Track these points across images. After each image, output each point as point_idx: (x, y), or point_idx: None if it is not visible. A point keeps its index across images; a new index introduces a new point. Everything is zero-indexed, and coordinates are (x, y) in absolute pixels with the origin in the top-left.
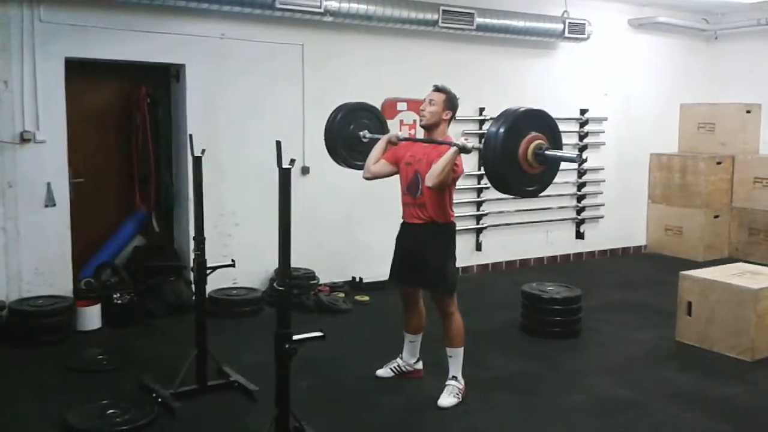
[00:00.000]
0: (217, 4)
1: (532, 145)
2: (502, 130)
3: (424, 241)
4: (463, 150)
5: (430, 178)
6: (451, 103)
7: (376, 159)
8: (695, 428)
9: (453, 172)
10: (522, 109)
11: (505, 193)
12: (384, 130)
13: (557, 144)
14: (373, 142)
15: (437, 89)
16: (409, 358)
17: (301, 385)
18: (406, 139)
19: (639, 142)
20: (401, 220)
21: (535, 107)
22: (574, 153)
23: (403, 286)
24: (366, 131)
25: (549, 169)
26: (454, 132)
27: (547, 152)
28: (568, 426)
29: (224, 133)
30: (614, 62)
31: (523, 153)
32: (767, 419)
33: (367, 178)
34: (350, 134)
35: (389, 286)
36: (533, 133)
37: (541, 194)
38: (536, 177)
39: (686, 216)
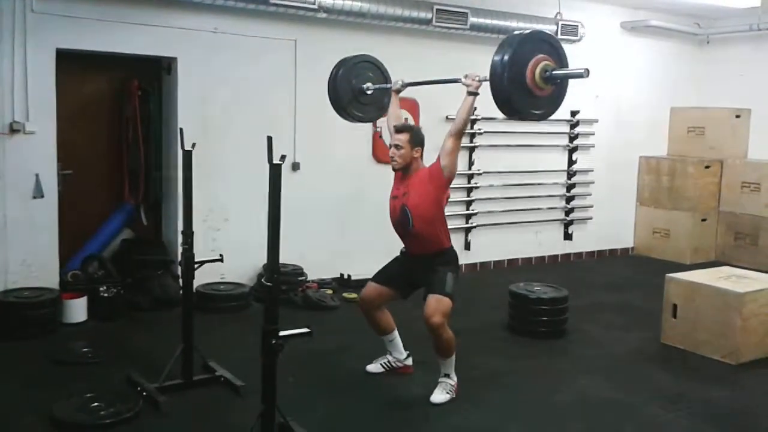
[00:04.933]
0: None
1: (539, 67)
2: (506, 57)
3: (425, 269)
4: (475, 93)
5: (454, 125)
6: (416, 138)
7: (394, 115)
8: (679, 430)
9: (444, 192)
10: (525, 33)
11: (513, 116)
12: (386, 78)
13: (563, 63)
14: (378, 92)
15: (399, 130)
16: (397, 355)
17: (288, 380)
18: (411, 84)
19: (629, 144)
20: (402, 248)
21: (536, 29)
22: (581, 69)
23: (385, 286)
24: (369, 83)
25: (558, 89)
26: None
27: (554, 72)
28: (553, 426)
29: (215, 127)
30: (606, 64)
31: (530, 76)
32: (751, 422)
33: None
34: (354, 88)
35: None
36: (539, 55)
37: (546, 118)
38: (546, 99)
39: (674, 219)
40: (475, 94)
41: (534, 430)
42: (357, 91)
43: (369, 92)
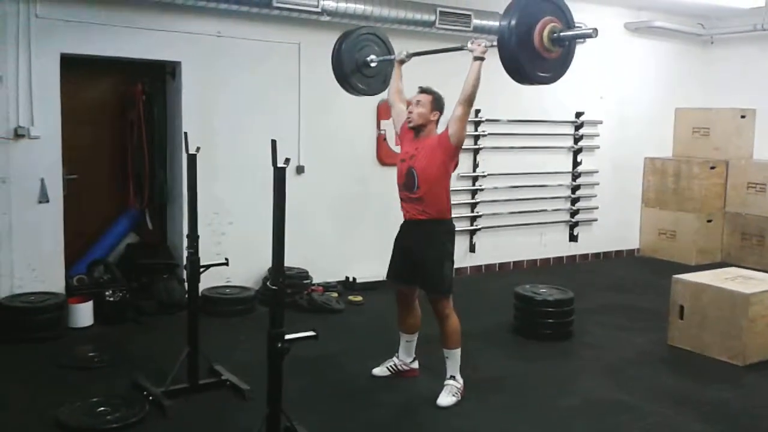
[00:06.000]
0: (214, 2)
1: (547, 29)
2: (513, 21)
3: (424, 239)
4: (481, 57)
5: (462, 93)
6: (437, 103)
7: (395, 87)
8: (686, 431)
9: (453, 159)
10: None
11: (522, 81)
12: (389, 50)
13: (570, 24)
14: (382, 64)
15: (423, 91)
16: (405, 358)
17: (293, 384)
18: (415, 54)
19: (634, 145)
20: (402, 220)
21: None
22: (589, 29)
23: (400, 285)
24: (373, 56)
25: (565, 52)
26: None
27: (562, 33)
28: (559, 428)
29: (219, 131)
30: (610, 66)
31: (539, 39)
32: (758, 423)
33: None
34: (358, 61)
35: (383, 286)
36: (546, 17)
37: (554, 82)
38: (555, 61)
39: (679, 220)
40: (480, 59)
41: None
42: (361, 64)
43: (373, 65)
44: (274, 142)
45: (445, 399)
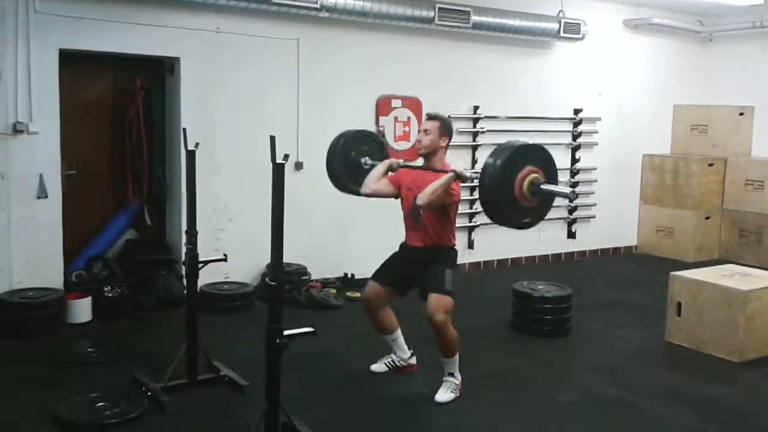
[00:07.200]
0: None
1: (528, 179)
2: (499, 161)
3: (424, 261)
4: (460, 177)
5: (422, 197)
6: (446, 129)
7: (376, 178)
8: (683, 428)
9: (450, 197)
10: (519, 143)
11: (500, 223)
12: (385, 156)
13: (552, 178)
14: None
15: (430, 117)
16: (401, 354)
17: (292, 380)
18: (405, 166)
19: (632, 142)
20: (402, 241)
21: (531, 142)
22: (568, 189)
23: (384, 285)
24: (367, 158)
25: (543, 202)
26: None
27: (542, 186)
28: (557, 424)
29: (218, 127)
30: (609, 63)
31: (519, 186)
32: (755, 420)
33: (366, 195)
34: (351, 161)
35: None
36: (529, 167)
37: (532, 227)
38: (531, 210)
39: (677, 217)
40: (459, 178)
41: (537, 428)
42: (354, 166)
43: (366, 167)
44: (272, 138)
45: (443, 395)
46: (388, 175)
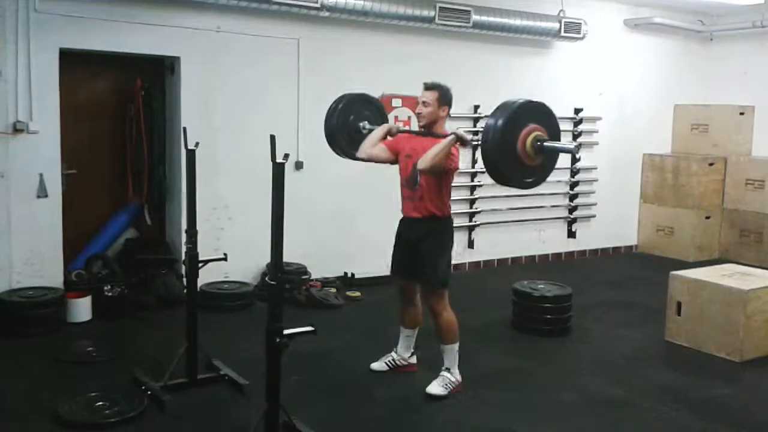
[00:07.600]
0: None
1: (531, 137)
2: (500, 121)
3: (422, 235)
4: (461, 140)
5: (423, 161)
6: (444, 98)
7: (373, 143)
8: (683, 427)
9: (450, 161)
10: (521, 101)
11: (502, 184)
12: (384, 121)
13: (555, 135)
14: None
15: (428, 87)
16: (403, 352)
17: (292, 379)
18: (404, 131)
19: (632, 142)
20: (401, 216)
21: (534, 99)
22: (571, 145)
23: (401, 280)
24: (366, 122)
25: (547, 160)
26: (450, 128)
27: (545, 144)
28: (557, 423)
29: (218, 126)
30: (609, 62)
31: (521, 144)
32: (755, 419)
33: (362, 159)
34: (350, 124)
35: (381, 282)
36: (532, 125)
37: (536, 186)
38: (534, 168)
39: (678, 216)
40: (460, 140)
41: (538, 427)
42: (353, 130)
43: (364, 131)
44: (273, 138)
45: (435, 388)
46: (386, 140)
